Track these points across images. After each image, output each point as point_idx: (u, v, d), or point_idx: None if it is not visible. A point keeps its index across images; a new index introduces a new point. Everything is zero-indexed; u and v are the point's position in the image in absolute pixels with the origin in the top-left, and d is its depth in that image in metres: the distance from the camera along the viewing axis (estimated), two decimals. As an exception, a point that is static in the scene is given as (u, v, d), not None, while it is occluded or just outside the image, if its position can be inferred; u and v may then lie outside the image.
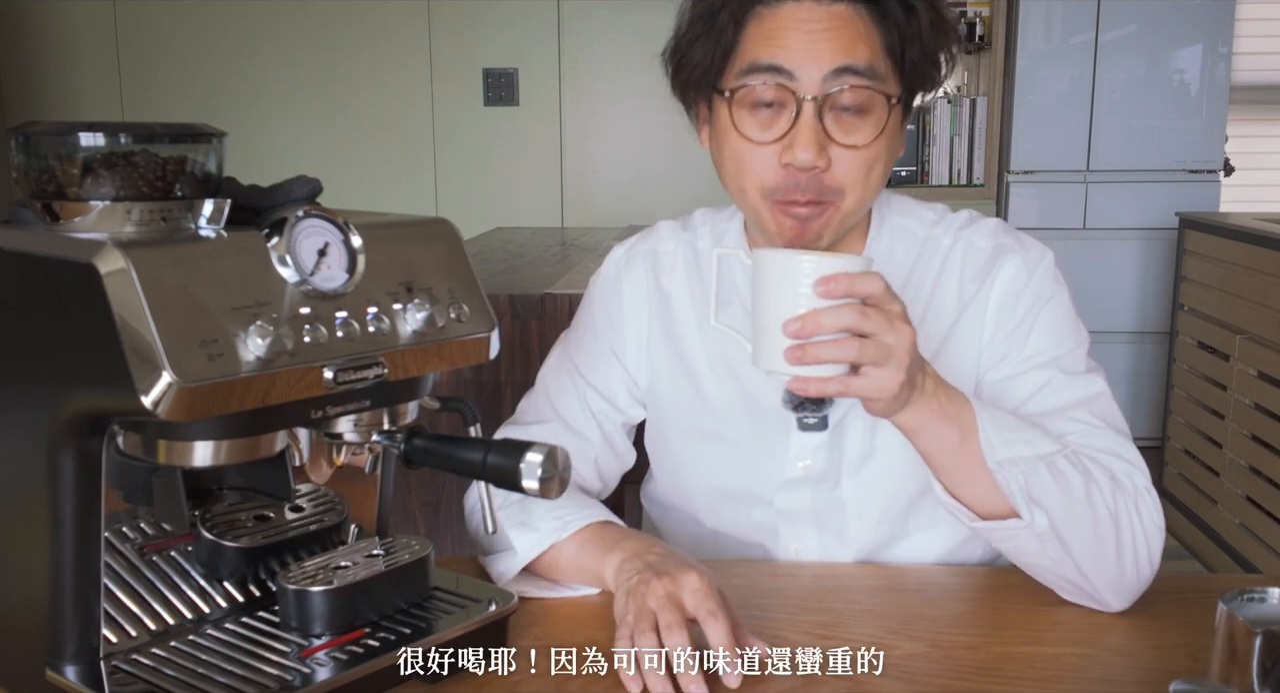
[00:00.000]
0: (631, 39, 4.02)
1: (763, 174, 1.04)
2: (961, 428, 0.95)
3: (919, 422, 0.94)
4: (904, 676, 0.89)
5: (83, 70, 4.17)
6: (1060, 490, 0.96)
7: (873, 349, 0.86)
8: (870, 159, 1.03)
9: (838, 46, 1.00)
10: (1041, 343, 1.10)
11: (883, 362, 0.87)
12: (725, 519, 1.20)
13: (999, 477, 0.94)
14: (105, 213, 0.74)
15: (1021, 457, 0.95)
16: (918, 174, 4.07)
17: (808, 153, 1.00)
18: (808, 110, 1.00)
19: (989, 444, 0.94)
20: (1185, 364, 3.28)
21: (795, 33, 1.00)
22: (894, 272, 1.15)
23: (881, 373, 0.88)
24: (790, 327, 0.86)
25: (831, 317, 0.86)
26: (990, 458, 0.94)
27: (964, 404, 0.96)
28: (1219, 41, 3.84)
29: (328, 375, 0.75)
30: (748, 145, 1.04)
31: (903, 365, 0.88)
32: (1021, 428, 0.98)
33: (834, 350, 0.86)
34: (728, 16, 1.03)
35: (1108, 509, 0.97)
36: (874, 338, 0.86)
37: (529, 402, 1.22)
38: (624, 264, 1.23)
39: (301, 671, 0.81)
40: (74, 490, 0.76)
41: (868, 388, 0.88)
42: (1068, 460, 0.97)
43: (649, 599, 0.90)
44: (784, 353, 0.86)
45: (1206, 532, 3.11)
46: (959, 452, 0.95)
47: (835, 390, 0.89)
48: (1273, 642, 0.70)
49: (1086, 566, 0.98)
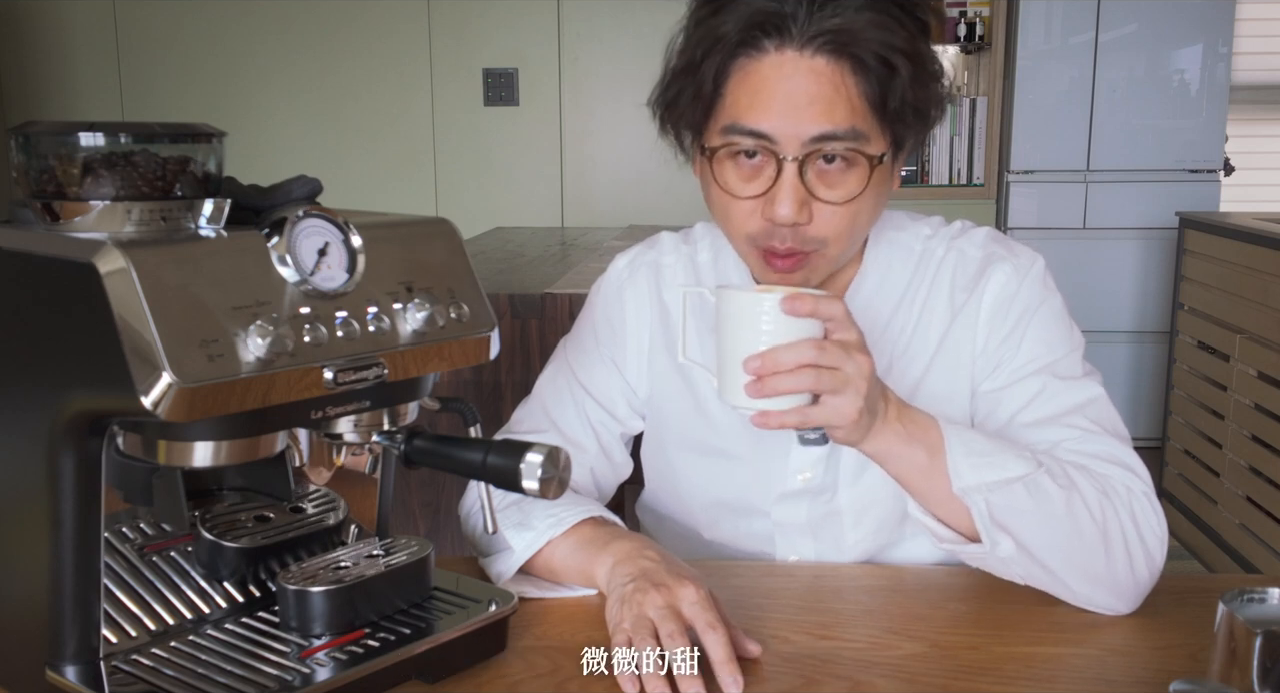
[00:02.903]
0: (631, 39, 4.02)
1: (745, 223, 1.04)
2: (929, 449, 0.96)
3: (885, 448, 0.95)
4: (904, 676, 0.89)
5: (83, 70, 4.17)
6: (1036, 508, 0.95)
7: (829, 378, 0.89)
8: (853, 212, 1.03)
9: (817, 111, 0.99)
10: (1034, 350, 1.10)
11: (840, 389, 0.89)
12: (723, 531, 1.21)
13: (965, 501, 0.95)
14: (105, 213, 0.74)
15: (988, 482, 0.95)
16: (918, 174, 4.07)
17: (789, 210, 1.00)
18: (789, 170, 1.00)
19: (955, 470, 0.95)
20: (1185, 364, 3.28)
21: (776, 95, 0.99)
22: (891, 287, 1.15)
23: (839, 400, 0.90)
24: (750, 363, 0.89)
25: (789, 352, 0.89)
26: (955, 484, 0.95)
27: (931, 426, 0.97)
28: (1219, 41, 3.84)
29: (328, 375, 0.75)
30: (730, 198, 1.04)
31: (860, 392, 0.90)
32: (993, 451, 0.97)
33: (791, 380, 0.89)
34: (709, 69, 1.02)
35: (1093, 520, 0.97)
36: (831, 369, 0.89)
37: (524, 411, 1.22)
38: (627, 276, 1.23)
39: (301, 671, 0.81)
40: (74, 490, 0.76)
41: (827, 416, 0.91)
42: (1048, 475, 0.97)
43: (647, 608, 0.90)
44: (745, 388, 0.90)
45: (1206, 532, 3.11)
46: (929, 473, 0.96)
47: (795, 422, 0.91)
48: (1273, 642, 0.70)
49: (1071, 578, 0.98)
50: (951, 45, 4.04)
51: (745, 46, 1.00)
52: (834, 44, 0.98)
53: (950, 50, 4.08)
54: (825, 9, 0.98)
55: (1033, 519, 0.96)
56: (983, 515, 0.95)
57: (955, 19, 4.01)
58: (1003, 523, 0.95)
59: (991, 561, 0.98)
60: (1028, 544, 0.96)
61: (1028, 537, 0.96)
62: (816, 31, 0.98)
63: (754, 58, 1.00)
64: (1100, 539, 0.97)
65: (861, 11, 0.98)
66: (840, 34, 0.98)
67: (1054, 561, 0.97)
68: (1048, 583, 0.99)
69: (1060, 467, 0.99)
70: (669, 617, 0.89)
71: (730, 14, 1.01)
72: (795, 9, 0.98)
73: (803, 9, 0.98)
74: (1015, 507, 0.95)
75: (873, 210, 1.06)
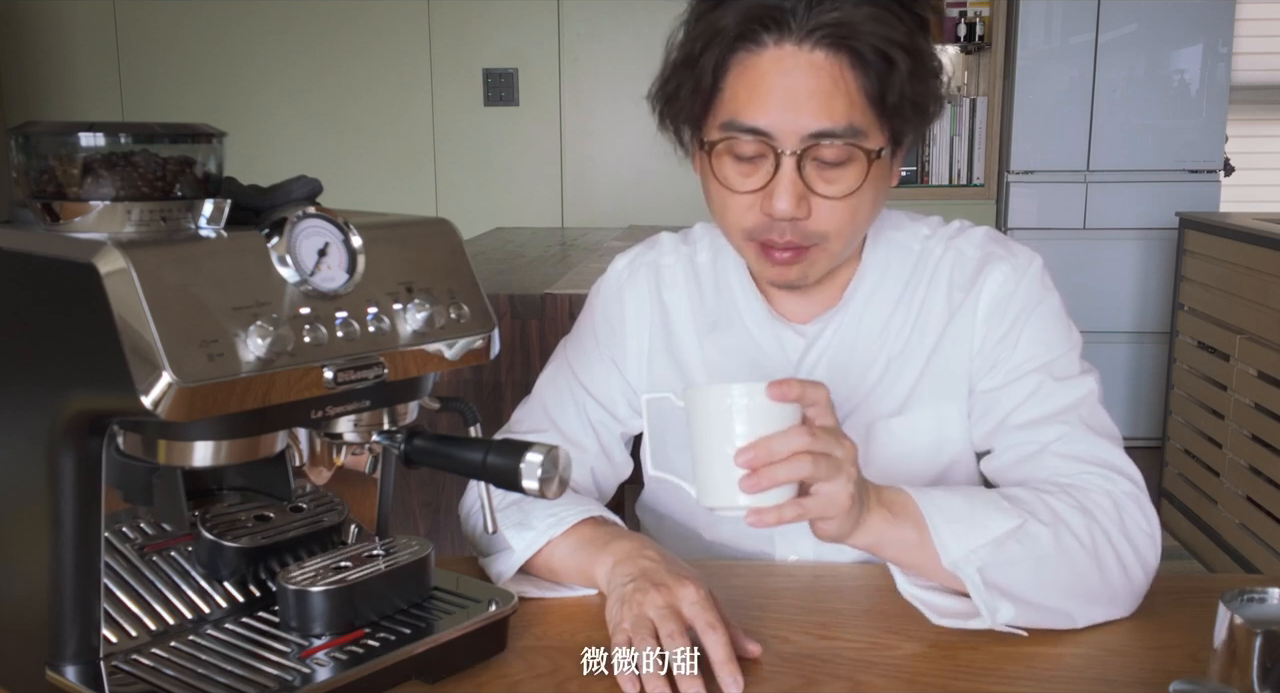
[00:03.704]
0: (631, 39, 4.02)
1: (743, 218, 1.04)
2: (915, 525, 0.93)
3: (877, 536, 0.93)
4: (904, 676, 0.89)
5: (83, 70, 4.17)
6: (1027, 556, 0.94)
7: (825, 465, 0.86)
8: (853, 206, 1.02)
9: (816, 106, 0.99)
10: (1031, 350, 1.09)
11: (833, 476, 0.86)
12: (723, 531, 1.21)
13: (958, 574, 0.92)
14: (105, 213, 0.74)
15: (973, 547, 0.93)
16: (918, 174, 4.07)
17: (787, 204, 1.00)
18: (787, 164, 1.00)
19: (943, 546, 0.92)
20: (1185, 364, 3.28)
21: (775, 90, 0.99)
22: (889, 286, 1.15)
23: (832, 487, 0.87)
24: (742, 457, 0.85)
25: (783, 441, 0.85)
26: (945, 559, 0.92)
27: (907, 500, 0.94)
28: (1219, 41, 3.84)
29: (328, 375, 0.75)
30: (728, 192, 1.04)
31: (851, 478, 0.87)
32: (971, 511, 0.95)
33: (786, 470, 0.85)
34: (708, 63, 1.02)
35: (1082, 547, 0.96)
36: (824, 456, 0.86)
37: (524, 411, 1.22)
38: (626, 276, 1.23)
39: (301, 671, 0.81)
40: (74, 490, 0.76)
41: (822, 507, 0.87)
42: (1033, 519, 0.95)
43: (647, 609, 0.90)
44: (739, 484, 0.85)
45: (1206, 532, 3.11)
46: (921, 548, 0.93)
47: (793, 516, 0.87)
48: (1273, 642, 0.70)
49: (1071, 607, 0.96)
50: (951, 45, 4.04)
51: (744, 40, 1.00)
52: (833, 38, 0.98)
53: (950, 50, 4.08)
54: (824, 3, 0.98)
55: (1026, 570, 0.94)
56: (977, 587, 0.92)
57: (955, 19, 4.01)
58: (997, 585, 0.93)
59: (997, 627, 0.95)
60: (1026, 597, 0.94)
61: (1024, 589, 0.94)
62: (815, 25, 0.98)
63: (753, 52, 1.00)
64: (1093, 563, 0.96)
65: (860, 6, 0.98)
66: (839, 28, 0.98)
67: (1053, 600, 0.95)
68: (1051, 621, 0.96)
69: (1041, 502, 0.97)
70: (669, 617, 0.88)
71: (730, 8, 1.01)
72: (795, 3, 0.99)
73: (802, 3, 0.98)
74: (1007, 561, 0.93)
75: (872, 205, 1.06)
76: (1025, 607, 0.94)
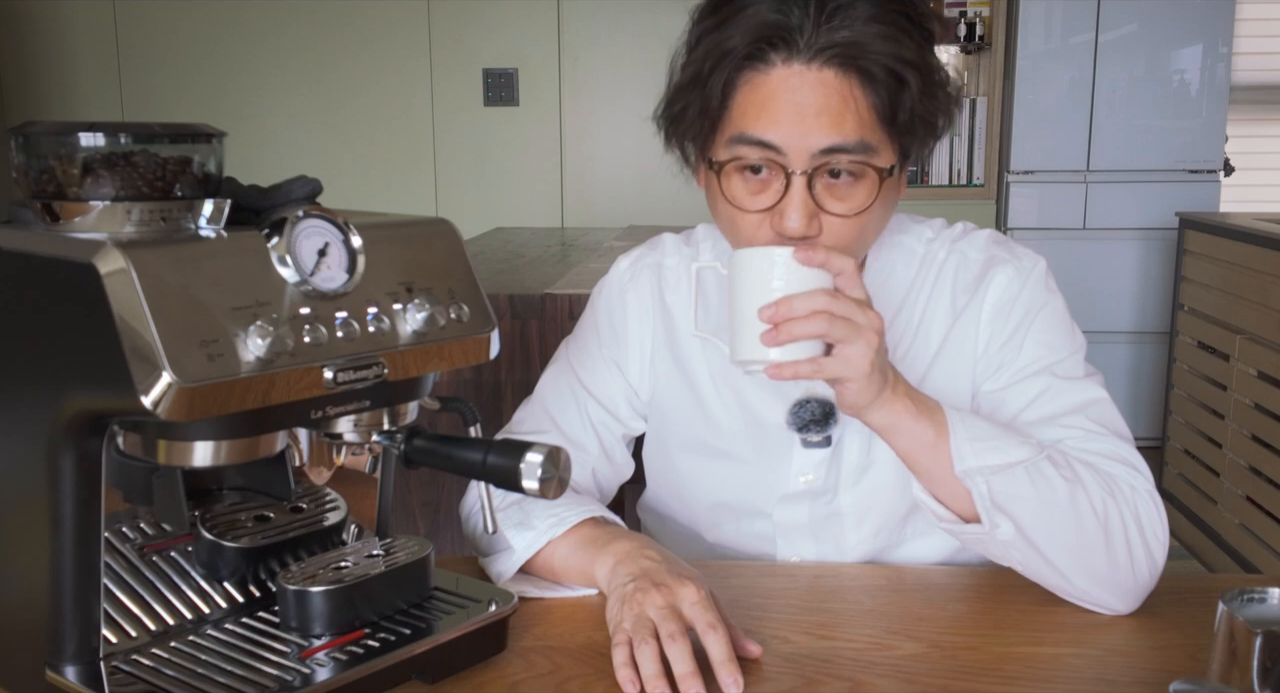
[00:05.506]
0: (631, 39, 4.02)
1: (754, 236, 1.03)
2: (935, 427, 0.97)
3: (894, 421, 0.96)
4: (904, 676, 0.89)
5: (83, 70, 4.17)
6: (1037, 495, 0.96)
7: (842, 326, 0.90)
8: (863, 223, 1.02)
9: (826, 122, 0.98)
10: (1036, 351, 1.10)
11: (852, 339, 0.91)
12: (724, 532, 1.21)
13: (966, 483, 0.96)
14: (105, 213, 0.74)
15: (990, 465, 0.96)
16: (918, 174, 4.07)
17: (798, 223, 0.99)
18: (798, 183, 0.99)
19: (958, 453, 0.96)
20: (1185, 364, 3.28)
21: (784, 106, 0.98)
22: (893, 289, 1.15)
23: (852, 350, 0.91)
24: (765, 312, 0.91)
25: (803, 300, 0.91)
26: (958, 466, 0.96)
27: (936, 408, 0.98)
28: (1219, 41, 3.84)
29: (328, 375, 0.75)
30: (738, 211, 1.03)
31: (872, 345, 0.91)
32: (996, 436, 0.98)
33: (805, 326, 0.90)
34: (716, 83, 1.01)
35: (1095, 513, 0.97)
36: (844, 318, 0.90)
37: (525, 411, 1.22)
38: (629, 277, 1.23)
39: (301, 671, 0.81)
40: (74, 490, 0.76)
41: (840, 368, 0.92)
42: (1051, 464, 0.97)
43: (647, 609, 0.90)
44: (760, 337, 0.92)
45: (1206, 532, 3.11)
46: (934, 451, 0.97)
47: (809, 371, 0.92)
48: (1273, 642, 0.70)
49: (1071, 572, 0.98)
50: (951, 45, 4.03)
51: (752, 60, 0.99)
52: (842, 57, 0.97)
53: (950, 50, 4.08)
54: (833, 21, 0.97)
55: (1033, 505, 0.96)
56: (983, 497, 0.95)
57: (955, 19, 4.01)
58: (1003, 506, 0.96)
59: (991, 543, 0.98)
60: (1027, 530, 0.96)
61: (1028, 522, 0.96)
62: (824, 44, 0.97)
63: (760, 71, 0.99)
64: (1102, 535, 0.97)
65: (869, 23, 0.97)
66: (849, 47, 0.97)
67: (1054, 551, 0.97)
68: (1047, 575, 0.99)
69: (1066, 460, 0.99)
70: (669, 617, 0.89)
71: (736, 27, 0.99)
72: (802, 21, 0.97)
73: (809, 21, 0.97)
74: (1016, 492, 0.96)
75: (881, 221, 1.06)
76: (1024, 540, 0.97)
